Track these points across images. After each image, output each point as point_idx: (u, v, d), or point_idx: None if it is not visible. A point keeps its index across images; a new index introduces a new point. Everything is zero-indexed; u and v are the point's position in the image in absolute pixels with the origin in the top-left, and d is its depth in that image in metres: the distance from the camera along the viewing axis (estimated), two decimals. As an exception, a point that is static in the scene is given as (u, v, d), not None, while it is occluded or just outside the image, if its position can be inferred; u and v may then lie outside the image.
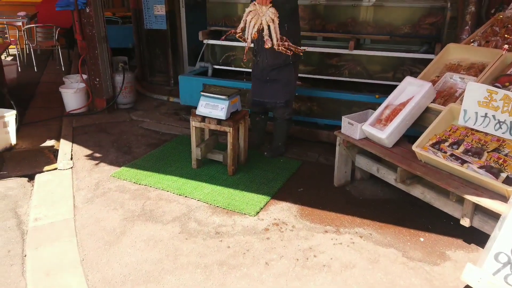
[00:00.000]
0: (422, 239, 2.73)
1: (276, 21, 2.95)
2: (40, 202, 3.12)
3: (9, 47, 7.43)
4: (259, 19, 2.97)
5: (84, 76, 5.12)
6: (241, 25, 3.05)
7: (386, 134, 2.91)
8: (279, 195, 3.26)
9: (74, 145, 4.14)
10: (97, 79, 4.86)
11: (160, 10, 5.69)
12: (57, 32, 7.53)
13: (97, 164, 3.75)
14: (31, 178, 3.52)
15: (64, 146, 4.08)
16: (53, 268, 2.40)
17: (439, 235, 2.77)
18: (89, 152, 3.99)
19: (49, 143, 4.29)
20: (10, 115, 4.04)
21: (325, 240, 2.68)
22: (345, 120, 3.17)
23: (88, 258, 2.49)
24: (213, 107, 3.38)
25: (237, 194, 3.24)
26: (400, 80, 4.42)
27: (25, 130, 4.52)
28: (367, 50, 4.58)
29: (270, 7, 2.98)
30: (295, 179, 3.55)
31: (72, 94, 4.92)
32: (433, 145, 2.73)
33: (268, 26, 2.95)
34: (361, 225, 2.87)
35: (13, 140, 4.13)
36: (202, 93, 3.39)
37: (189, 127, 4.71)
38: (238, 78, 5.22)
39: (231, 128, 3.35)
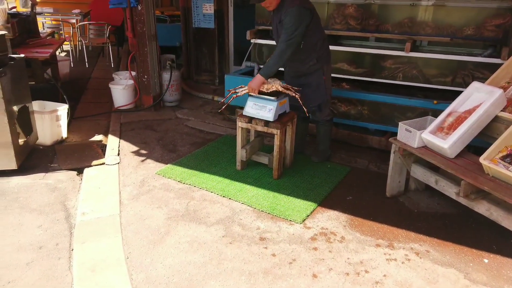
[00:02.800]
0: (486, 261, 2.49)
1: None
2: (88, 196, 3.15)
3: (63, 43, 7.74)
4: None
5: (133, 73, 5.20)
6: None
7: (448, 144, 2.68)
8: (326, 202, 3.11)
9: (121, 141, 4.19)
10: (145, 76, 4.91)
11: (209, 8, 5.68)
12: (108, 30, 7.76)
13: (143, 161, 3.77)
14: (80, 171, 3.58)
15: (112, 142, 4.14)
16: (98, 265, 2.39)
17: (506, 257, 2.51)
18: (135, 148, 4.02)
19: (98, 137, 4.38)
20: (63, 109, 4.15)
21: (378, 255, 2.50)
22: (402, 127, 2.96)
23: (133, 256, 2.47)
24: (260, 108, 3.28)
25: (282, 199, 3.12)
26: (460, 85, 4.15)
27: (75, 124, 4.65)
28: (425, 52, 4.31)
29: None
30: (343, 186, 3.37)
31: (121, 91, 5.01)
32: (503, 158, 2.47)
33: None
34: (417, 240, 2.66)
35: (64, 133, 4.25)
36: (250, 93, 3.30)
37: (234, 127, 4.69)
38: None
39: (279, 131, 3.23)
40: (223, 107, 3.60)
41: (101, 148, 4.10)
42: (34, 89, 4.07)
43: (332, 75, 4.81)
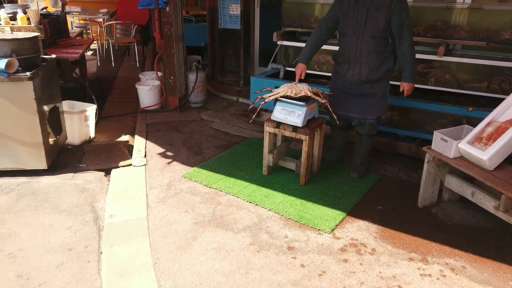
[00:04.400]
0: (526, 280, 2.37)
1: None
2: (115, 198, 3.17)
3: (92, 43, 7.87)
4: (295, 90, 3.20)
5: (159, 73, 5.22)
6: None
7: (488, 155, 2.56)
8: (355, 211, 3.03)
9: (148, 142, 4.21)
10: (172, 77, 4.92)
11: (235, 9, 5.65)
12: (134, 29, 7.84)
13: (169, 163, 3.77)
14: (107, 172, 3.61)
15: (139, 143, 4.16)
16: (127, 269, 2.39)
17: (549, 277, 2.38)
18: (161, 150, 4.03)
19: (124, 138, 4.41)
20: (91, 110, 4.20)
21: (411, 270, 2.41)
22: (437, 136, 2.86)
23: (161, 262, 2.46)
24: (289, 113, 3.22)
25: (310, 206, 3.06)
26: (495, 91, 3.98)
27: (102, 124, 4.70)
28: (459, 56, 4.15)
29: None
30: (372, 195, 3.28)
31: (147, 91, 5.04)
32: (548, 173, 2.34)
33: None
34: (452, 255, 2.55)
35: (92, 133, 4.30)
36: (279, 98, 3.24)
37: (259, 130, 4.65)
38: (311, 81, 5.03)
39: (307, 137, 3.17)
40: (253, 116, 3.49)
41: (128, 149, 4.13)
42: (63, 88, 4.12)
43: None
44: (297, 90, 3.17)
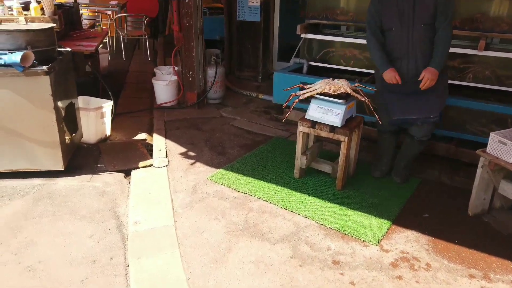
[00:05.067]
0: None
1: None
2: (138, 202, 2.94)
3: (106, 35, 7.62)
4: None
5: (175, 68, 4.97)
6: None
7: (557, 161, 2.30)
8: (400, 220, 2.78)
9: (168, 141, 3.97)
10: (190, 72, 4.67)
11: (255, 1, 5.38)
12: (145, 21, 7.58)
13: (192, 164, 3.53)
14: (127, 173, 3.38)
15: (158, 142, 3.92)
16: (158, 285, 2.16)
17: None
18: (183, 150, 3.79)
19: (141, 136, 4.18)
20: (108, 106, 3.96)
21: (474, 288, 2.18)
22: (494, 138, 2.60)
23: (194, 277, 2.23)
24: (326, 112, 2.97)
25: (351, 214, 2.81)
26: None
27: (117, 121, 4.46)
28: (499, 51, 3.88)
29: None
30: (416, 200, 3.04)
31: (164, 87, 4.79)
32: None
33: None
34: (516, 271, 2.31)
35: (108, 131, 4.07)
36: (318, 95, 2.98)
37: (283, 128, 4.40)
38: (335, 77, 4.76)
39: (346, 138, 2.92)
40: (286, 115, 3.16)
41: (146, 148, 3.89)
42: (76, 83, 3.88)
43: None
44: (336, 87, 2.91)
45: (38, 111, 3.01)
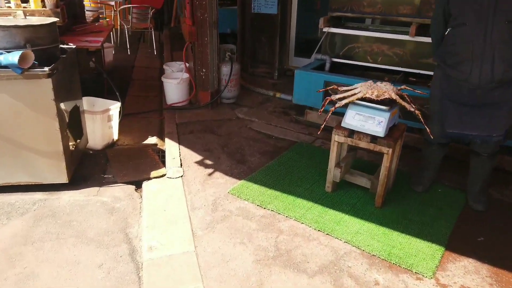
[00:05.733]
0: None
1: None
2: (152, 222, 2.60)
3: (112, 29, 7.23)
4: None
5: (187, 65, 4.60)
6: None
7: None
8: (453, 245, 2.43)
9: (181, 147, 3.61)
10: (204, 70, 4.30)
11: (273, -8, 4.97)
12: (151, 13, 7.18)
13: (210, 174, 3.18)
14: (138, 185, 3.04)
15: (171, 148, 3.57)
16: (181, 332, 1.83)
17: None
18: (198, 157, 3.44)
19: (152, 140, 3.83)
20: (115, 108, 3.60)
21: (557, 338, 1.83)
22: None
23: (224, 321, 1.89)
24: (366, 120, 2.60)
25: (396, 238, 2.47)
26: None
27: (125, 122, 4.10)
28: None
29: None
30: (466, 219, 2.69)
31: (175, 85, 4.42)
32: None
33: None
34: None
35: (115, 135, 3.72)
36: (357, 100, 2.60)
37: (305, 132, 4.04)
38: (358, 75, 4.39)
39: (390, 149, 2.56)
40: (321, 127, 2.70)
41: (158, 154, 3.55)
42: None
43: (425, 72, 4.08)
44: (380, 92, 2.54)
45: (39, 117, 2.66)
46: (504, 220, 2.68)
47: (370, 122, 2.59)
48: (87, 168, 3.23)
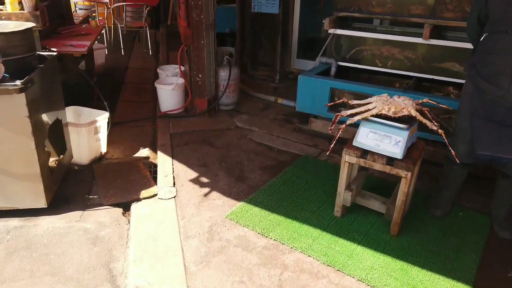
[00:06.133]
0: None
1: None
2: (140, 254, 2.30)
3: (102, 30, 6.90)
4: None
5: (182, 68, 4.28)
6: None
7: None
8: (481, 283, 2.14)
9: (175, 162, 3.31)
10: (200, 75, 3.98)
11: (274, -10, 4.65)
12: (146, 11, 6.85)
13: (206, 194, 2.88)
14: (126, 207, 2.75)
15: (163, 163, 3.27)
16: None
17: None
18: (193, 174, 3.14)
19: (143, 152, 3.53)
20: (103, 119, 3.30)
21: None
22: None
23: None
24: (382, 139, 2.30)
25: (416, 274, 2.17)
26: None
27: (115, 132, 3.81)
28: None
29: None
30: (493, 249, 2.40)
31: (169, 92, 4.11)
32: None
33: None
34: None
35: (103, 148, 3.42)
36: (371, 117, 2.30)
37: (309, 143, 3.74)
38: (364, 79, 4.09)
39: (410, 173, 2.26)
40: (330, 147, 2.41)
41: (149, 169, 3.25)
42: (65, 86, 3.21)
43: (440, 77, 3.77)
44: (397, 108, 2.23)
45: (12, 136, 2.35)
46: (535, 250, 2.39)
47: (386, 141, 2.28)
48: (70, 187, 2.93)
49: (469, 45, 3.43)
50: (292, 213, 2.67)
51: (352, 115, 2.31)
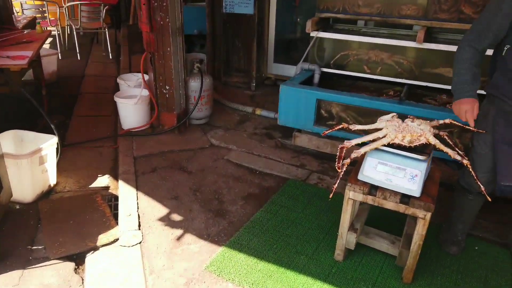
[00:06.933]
0: None
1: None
2: (97, 332, 1.79)
3: (49, 26, 6.18)
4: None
5: (146, 77, 3.73)
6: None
7: None
8: None
9: (140, 194, 2.79)
10: (167, 87, 3.45)
11: (248, -12, 4.17)
12: (104, 11, 6.19)
13: (179, 238, 2.38)
14: (80, 260, 2.21)
15: (126, 198, 2.73)
16: None
17: None
18: (163, 211, 2.63)
19: (102, 181, 2.99)
20: (50, 146, 2.72)
21: None
22: None
23: None
24: (394, 172, 1.89)
25: (440, 337, 1.78)
26: None
27: (67, 156, 3.24)
28: None
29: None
30: (522, 297, 2.05)
31: (132, 107, 3.56)
32: None
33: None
34: None
35: (52, 180, 2.85)
36: (380, 147, 1.88)
37: (295, 162, 3.31)
38: (360, 87, 3.70)
39: (429, 213, 1.86)
40: (336, 182, 1.91)
41: (110, 203, 2.73)
42: (8, 100, 2.62)
43: (434, 84, 3.44)
44: (413, 136, 1.83)
45: None
46: None
47: (399, 175, 1.88)
48: (8, 235, 2.36)
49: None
50: (285, 258, 2.22)
51: (360, 146, 1.88)
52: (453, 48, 3.22)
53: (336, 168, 1.88)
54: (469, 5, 3.10)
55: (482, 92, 2.08)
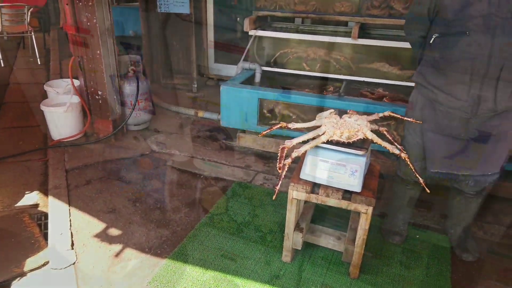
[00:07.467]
0: None
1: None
2: None
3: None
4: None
5: (76, 82, 3.47)
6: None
7: None
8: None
9: (73, 210, 2.57)
10: (100, 92, 3.23)
11: (182, -14, 4.03)
12: (29, 13, 5.73)
13: (117, 254, 2.22)
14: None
15: (57, 215, 2.50)
16: None
17: None
18: (99, 226, 2.43)
19: (31, 198, 2.73)
20: (-38, 165, 2.42)
21: None
22: None
23: None
24: (335, 169, 1.87)
25: (388, 329, 1.80)
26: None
27: (-10, 173, 2.92)
28: None
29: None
30: (459, 274, 2.12)
31: (62, 114, 3.28)
32: None
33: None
34: None
35: (-30, 201, 2.54)
36: (321, 143, 1.85)
37: (241, 164, 3.24)
38: (300, 85, 3.70)
39: (371, 208, 1.87)
40: (276, 189, 1.75)
41: (38, 222, 2.48)
42: None
43: (370, 79, 3.53)
44: (351, 132, 1.82)
45: None
46: (502, 265, 2.18)
47: (340, 172, 1.86)
48: None
49: (399, 44, 3.25)
50: (233, 265, 2.14)
51: (301, 147, 1.84)
52: (387, 43, 3.33)
53: (278, 169, 1.82)
54: (398, 1, 3.21)
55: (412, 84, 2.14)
